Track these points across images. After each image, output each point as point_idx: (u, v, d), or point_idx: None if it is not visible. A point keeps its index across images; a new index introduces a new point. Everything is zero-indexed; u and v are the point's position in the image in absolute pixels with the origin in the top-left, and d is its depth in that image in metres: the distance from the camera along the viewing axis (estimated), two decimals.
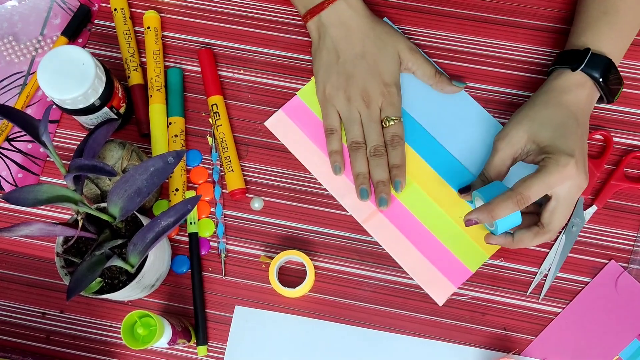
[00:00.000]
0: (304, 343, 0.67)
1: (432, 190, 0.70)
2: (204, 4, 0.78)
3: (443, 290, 0.68)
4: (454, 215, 0.69)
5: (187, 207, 0.56)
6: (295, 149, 0.73)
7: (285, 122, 0.73)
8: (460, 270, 0.68)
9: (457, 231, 0.69)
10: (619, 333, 0.67)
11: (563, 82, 0.65)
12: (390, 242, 0.69)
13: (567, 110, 0.64)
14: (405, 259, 0.69)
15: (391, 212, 0.70)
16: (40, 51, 0.76)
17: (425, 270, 0.68)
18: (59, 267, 0.61)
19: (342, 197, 0.71)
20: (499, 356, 0.66)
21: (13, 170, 0.72)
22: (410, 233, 0.69)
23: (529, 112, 0.65)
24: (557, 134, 0.62)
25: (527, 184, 0.60)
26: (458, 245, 0.69)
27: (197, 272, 0.68)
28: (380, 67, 0.71)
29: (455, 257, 0.69)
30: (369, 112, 0.70)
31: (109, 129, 0.63)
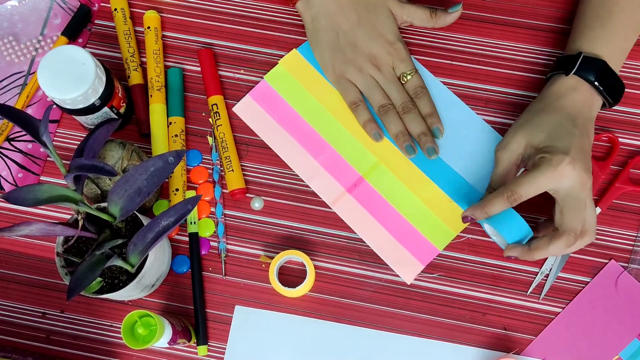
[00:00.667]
0: (304, 343, 0.67)
1: (399, 171, 0.71)
2: (204, 4, 0.78)
3: (411, 269, 0.68)
4: (421, 194, 0.70)
5: (187, 207, 0.56)
6: (264, 134, 0.73)
7: (253, 107, 0.74)
8: (427, 249, 0.69)
9: (425, 210, 0.70)
10: (619, 333, 0.67)
11: (558, 87, 0.66)
12: (359, 223, 0.70)
13: (562, 112, 0.64)
14: (374, 239, 0.69)
15: (359, 193, 0.71)
16: (41, 51, 0.76)
17: (393, 249, 0.69)
18: (59, 266, 0.61)
19: (310, 179, 0.71)
20: (499, 356, 0.66)
21: (13, 170, 0.72)
22: (378, 213, 0.70)
23: (526, 117, 0.65)
24: (552, 135, 0.62)
25: (517, 181, 0.61)
26: (426, 224, 0.69)
27: (197, 272, 0.68)
28: (380, 29, 0.71)
29: (422, 235, 0.69)
30: (383, 75, 0.71)
31: (109, 129, 0.63)
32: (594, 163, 0.70)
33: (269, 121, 0.73)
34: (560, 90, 0.65)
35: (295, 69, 0.74)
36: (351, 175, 0.71)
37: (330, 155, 0.72)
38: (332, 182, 0.71)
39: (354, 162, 0.71)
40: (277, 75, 0.75)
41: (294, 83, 0.74)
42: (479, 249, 0.70)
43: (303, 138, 0.72)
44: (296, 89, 0.74)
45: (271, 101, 0.74)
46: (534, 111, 0.66)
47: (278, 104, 0.74)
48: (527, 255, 0.62)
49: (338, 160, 0.72)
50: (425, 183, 0.71)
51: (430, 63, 0.75)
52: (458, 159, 0.71)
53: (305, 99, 0.74)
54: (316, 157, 0.72)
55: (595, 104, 0.66)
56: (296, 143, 0.72)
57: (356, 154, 0.72)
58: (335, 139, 0.72)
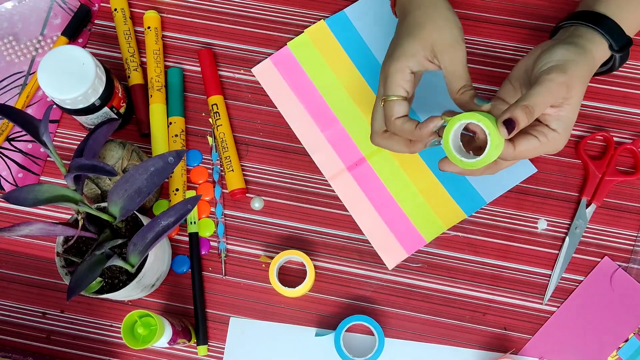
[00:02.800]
0: (300, 352, 0.67)
1: (402, 157, 0.71)
2: (204, 4, 0.78)
3: (395, 255, 0.69)
4: (419, 184, 0.71)
5: (187, 206, 0.56)
6: (277, 99, 0.74)
7: (271, 71, 0.74)
8: (415, 239, 0.69)
9: (420, 201, 0.70)
10: (616, 329, 0.67)
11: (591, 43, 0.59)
12: (353, 202, 0.70)
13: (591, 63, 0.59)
14: (364, 221, 0.70)
15: (358, 173, 0.71)
16: (41, 51, 0.76)
17: (382, 233, 0.69)
18: (59, 266, 0.61)
19: (314, 151, 0.72)
20: (495, 356, 0.66)
21: (13, 170, 0.72)
22: (373, 196, 0.71)
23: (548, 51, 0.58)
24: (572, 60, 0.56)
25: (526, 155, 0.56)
26: (418, 215, 0.70)
27: (197, 272, 0.68)
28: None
29: (412, 225, 0.70)
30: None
31: (109, 129, 0.63)
32: (591, 163, 0.70)
33: (284, 87, 0.74)
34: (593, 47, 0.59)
35: (319, 40, 0.75)
36: (354, 154, 0.72)
37: (338, 131, 0.72)
38: (334, 158, 0.72)
39: (359, 142, 0.72)
40: (301, 43, 0.75)
41: (316, 54, 0.75)
42: (478, 249, 0.70)
43: (314, 110, 0.73)
44: (316, 60, 0.75)
45: (290, 68, 0.74)
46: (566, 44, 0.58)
47: (296, 72, 0.74)
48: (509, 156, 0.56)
49: (344, 137, 0.72)
50: (425, 174, 0.71)
51: None
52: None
53: (324, 71, 0.74)
54: (324, 130, 0.72)
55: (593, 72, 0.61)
56: (306, 113, 0.73)
57: (363, 134, 0.72)
58: (345, 115, 0.73)
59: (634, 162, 0.72)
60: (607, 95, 0.74)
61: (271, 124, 0.74)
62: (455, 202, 0.70)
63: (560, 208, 0.70)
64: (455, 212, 0.70)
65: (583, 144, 0.71)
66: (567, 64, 0.56)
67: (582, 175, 0.71)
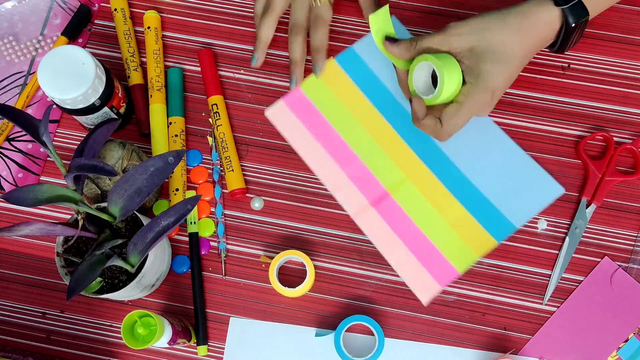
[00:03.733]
0: (300, 352, 0.67)
1: (426, 189, 0.70)
2: (204, 4, 0.78)
3: (429, 289, 0.67)
4: (446, 214, 0.69)
5: (187, 207, 0.56)
6: (294, 141, 0.73)
7: (285, 114, 0.73)
8: (447, 270, 0.68)
9: (449, 231, 0.69)
10: (616, 329, 0.67)
11: (541, 12, 0.63)
12: (380, 238, 0.69)
13: (525, 47, 0.62)
14: (394, 256, 0.69)
15: (383, 208, 0.70)
16: (41, 51, 0.76)
17: (413, 268, 0.68)
18: (59, 266, 0.61)
19: (336, 190, 0.71)
20: (495, 356, 0.66)
21: (13, 170, 0.72)
22: (400, 230, 0.69)
23: (496, 26, 0.63)
24: (498, 68, 0.61)
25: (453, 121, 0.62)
26: (448, 245, 0.68)
27: (197, 272, 0.68)
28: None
29: (443, 256, 0.68)
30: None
31: (109, 129, 0.63)
32: (591, 163, 0.70)
33: (300, 129, 0.73)
34: (540, 17, 0.63)
35: (331, 78, 0.74)
36: (377, 189, 0.70)
37: (358, 167, 0.71)
38: (357, 195, 0.70)
39: (381, 177, 0.71)
40: (313, 83, 0.74)
41: (328, 92, 0.73)
42: None
43: (333, 148, 0.72)
44: (330, 99, 0.73)
45: (304, 109, 0.73)
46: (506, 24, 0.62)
47: (311, 112, 0.73)
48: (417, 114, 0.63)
49: (365, 173, 0.71)
50: (451, 203, 0.69)
51: None
52: (487, 181, 0.70)
53: (339, 109, 0.73)
54: (344, 168, 0.71)
55: (546, 44, 0.65)
56: (325, 153, 0.72)
57: (384, 169, 0.71)
58: (364, 151, 0.72)
59: (634, 162, 0.72)
60: (607, 95, 0.74)
61: (271, 124, 0.74)
62: (485, 229, 0.68)
63: (560, 208, 0.70)
64: (485, 240, 0.68)
65: (583, 144, 0.71)
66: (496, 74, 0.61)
67: (582, 175, 0.71)
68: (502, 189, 0.69)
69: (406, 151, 0.71)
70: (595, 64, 0.75)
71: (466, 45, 0.62)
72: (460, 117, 0.62)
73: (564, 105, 0.74)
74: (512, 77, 0.63)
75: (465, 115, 0.62)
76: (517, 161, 0.71)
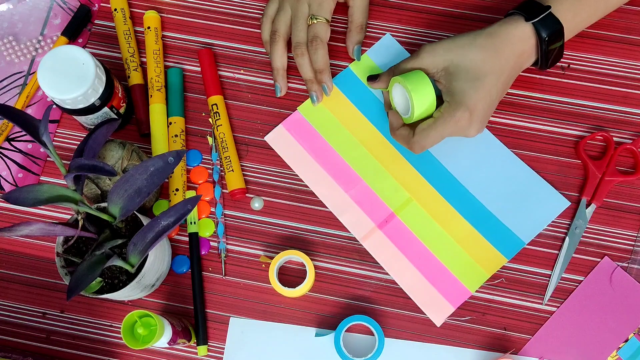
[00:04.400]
0: (300, 352, 0.67)
1: (432, 208, 0.70)
2: (204, 4, 0.78)
3: (441, 310, 0.67)
4: (454, 233, 0.69)
5: (187, 207, 0.56)
6: (295, 164, 0.72)
7: (285, 137, 0.73)
8: (459, 291, 0.67)
9: (458, 251, 0.68)
10: (616, 329, 0.67)
11: (511, 30, 0.64)
12: (389, 261, 0.69)
13: (498, 63, 0.64)
14: (403, 278, 0.68)
15: (390, 229, 0.69)
16: (41, 51, 0.76)
17: (424, 290, 0.67)
18: (59, 266, 0.61)
19: (341, 214, 0.70)
20: (495, 356, 0.66)
21: (13, 170, 0.72)
22: (409, 252, 0.69)
23: (467, 46, 0.64)
24: (471, 86, 0.63)
25: (424, 134, 0.64)
26: (458, 265, 0.68)
27: (197, 272, 0.68)
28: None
29: (454, 277, 0.68)
30: (298, 6, 0.71)
31: (109, 129, 0.63)
32: (591, 163, 0.70)
33: (301, 152, 0.72)
34: (511, 33, 0.64)
35: (329, 99, 0.73)
36: (382, 211, 0.70)
37: (362, 189, 0.71)
38: (363, 217, 0.70)
39: (385, 198, 0.70)
40: (311, 106, 0.74)
41: (327, 114, 0.73)
42: None
43: (335, 171, 0.71)
44: (329, 121, 0.73)
45: (304, 132, 0.73)
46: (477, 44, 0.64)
47: (311, 135, 0.73)
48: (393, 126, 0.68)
49: (370, 194, 0.70)
50: (458, 221, 0.69)
51: None
52: (493, 198, 0.69)
53: (338, 130, 0.73)
54: (348, 190, 0.71)
55: (529, 62, 0.67)
56: (328, 176, 0.71)
57: (388, 189, 0.70)
58: (367, 173, 0.71)
59: (634, 162, 0.72)
60: (607, 95, 0.74)
61: (271, 124, 0.74)
62: (494, 246, 0.68)
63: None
64: (495, 258, 0.68)
65: (583, 144, 0.71)
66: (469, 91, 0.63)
67: (582, 175, 0.71)
68: (508, 205, 0.69)
69: (410, 170, 0.71)
70: (595, 64, 0.75)
71: (440, 65, 0.65)
72: (432, 130, 0.64)
73: (564, 105, 0.74)
74: (492, 96, 0.64)
75: (439, 131, 0.64)
76: (522, 176, 0.70)
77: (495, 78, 0.64)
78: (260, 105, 0.75)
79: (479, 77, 0.63)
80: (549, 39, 0.64)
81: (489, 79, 0.63)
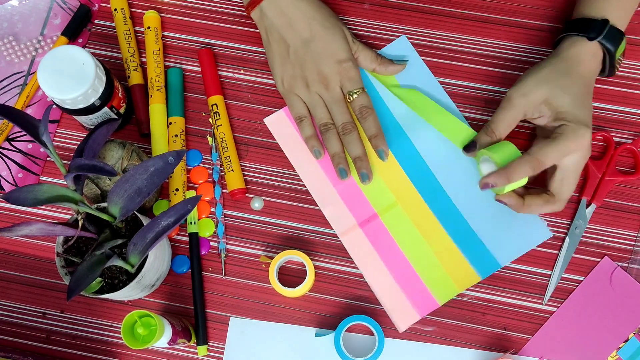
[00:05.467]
0: (300, 352, 0.67)
1: (416, 216, 0.70)
2: (204, 4, 0.78)
3: (407, 317, 0.67)
4: (434, 245, 0.69)
5: (187, 207, 0.56)
6: (288, 150, 0.72)
7: (284, 123, 0.73)
8: (427, 301, 0.67)
9: (434, 262, 0.68)
10: (616, 329, 0.67)
11: (578, 51, 0.66)
12: (364, 260, 0.69)
13: (582, 80, 0.65)
14: (375, 280, 0.68)
15: (371, 230, 0.69)
16: (41, 51, 0.76)
17: (393, 294, 0.67)
18: (59, 267, 0.61)
19: (325, 206, 0.70)
20: (495, 356, 0.66)
21: (13, 170, 0.72)
22: (385, 254, 0.69)
23: (548, 74, 0.65)
24: (576, 104, 0.63)
25: (544, 150, 0.62)
26: (431, 276, 0.68)
27: (197, 272, 0.68)
28: (332, 47, 0.70)
29: (425, 286, 0.68)
30: (329, 94, 0.70)
31: (109, 129, 0.63)
32: (591, 163, 0.70)
33: (296, 140, 0.72)
34: (581, 55, 0.66)
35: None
36: (366, 210, 0.70)
37: (350, 185, 0.71)
38: (345, 213, 0.70)
39: (371, 198, 0.70)
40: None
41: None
42: None
43: (326, 163, 0.71)
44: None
45: None
46: (555, 70, 0.65)
47: None
48: (517, 208, 0.65)
49: (356, 192, 0.71)
50: (439, 234, 0.69)
51: (430, 63, 0.75)
52: (478, 216, 0.69)
53: None
54: (335, 185, 0.71)
55: (598, 73, 0.68)
56: (318, 167, 0.71)
57: (376, 190, 0.70)
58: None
59: (634, 162, 0.72)
60: (607, 95, 0.74)
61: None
62: (470, 264, 0.68)
63: None
64: (469, 275, 0.68)
65: None
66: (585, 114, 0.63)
67: (582, 175, 0.71)
68: (491, 226, 0.69)
69: (400, 175, 0.71)
70: None
71: (538, 101, 0.65)
72: (552, 149, 0.62)
73: None
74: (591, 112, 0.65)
75: (560, 149, 0.62)
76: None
77: (586, 95, 0.65)
78: (260, 105, 0.75)
79: (578, 97, 0.64)
80: (615, 49, 0.66)
81: (582, 97, 0.64)
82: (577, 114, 0.63)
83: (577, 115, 0.63)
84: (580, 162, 0.63)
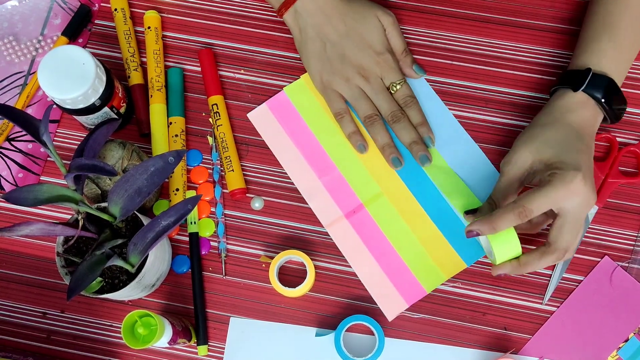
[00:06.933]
0: (301, 352, 0.67)
1: (401, 205, 0.70)
2: (204, 4, 0.78)
3: (395, 306, 0.67)
4: (419, 233, 0.69)
5: (188, 206, 0.56)
6: (273, 144, 0.73)
7: (267, 117, 0.73)
8: (415, 289, 0.68)
9: (420, 250, 0.69)
10: (616, 328, 0.67)
11: (565, 102, 0.65)
12: (351, 251, 0.69)
13: (569, 127, 0.63)
14: (362, 269, 0.68)
15: (356, 220, 0.70)
16: (41, 51, 0.76)
17: (380, 283, 0.68)
18: (59, 266, 0.61)
19: (310, 198, 0.71)
20: (495, 356, 0.66)
21: (13, 170, 0.73)
22: (372, 245, 0.69)
23: (532, 132, 0.64)
24: (561, 150, 0.61)
25: (530, 196, 0.58)
26: (418, 264, 0.68)
27: (197, 272, 0.68)
28: (368, 39, 0.71)
29: (412, 274, 0.68)
30: (371, 85, 0.71)
31: (109, 129, 0.63)
32: (594, 164, 0.70)
33: (280, 133, 0.73)
34: (568, 105, 0.65)
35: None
36: (352, 201, 0.70)
37: (335, 177, 0.71)
38: (331, 205, 0.70)
39: (357, 188, 0.70)
40: (297, 88, 0.74)
41: (312, 99, 0.73)
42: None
43: (311, 156, 0.72)
44: (313, 106, 0.73)
45: (287, 114, 0.73)
46: (540, 125, 0.65)
47: (293, 117, 0.73)
48: (516, 271, 0.61)
49: (342, 183, 0.71)
50: (425, 222, 0.69)
51: (430, 63, 0.75)
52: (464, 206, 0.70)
53: (321, 117, 0.73)
54: (321, 177, 0.71)
55: (598, 120, 0.66)
56: (303, 160, 0.72)
57: (361, 181, 0.71)
58: (343, 162, 0.71)
59: (638, 164, 0.72)
60: None
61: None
62: (456, 251, 0.68)
63: None
64: (455, 262, 0.68)
65: None
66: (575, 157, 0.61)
67: None
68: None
69: (385, 165, 0.71)
70: None
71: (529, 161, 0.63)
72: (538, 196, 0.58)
73: None
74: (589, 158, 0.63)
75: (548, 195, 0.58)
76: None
77: (575, 139, 0.62)
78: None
79: (565, 144, 0.62)
80: (606, 95, 0.64)
81: (571, 143, 0.62)
82: (565, 160, 0.60)
83: (565, 161, 0.60)
84: (579, 208, 0.59)
